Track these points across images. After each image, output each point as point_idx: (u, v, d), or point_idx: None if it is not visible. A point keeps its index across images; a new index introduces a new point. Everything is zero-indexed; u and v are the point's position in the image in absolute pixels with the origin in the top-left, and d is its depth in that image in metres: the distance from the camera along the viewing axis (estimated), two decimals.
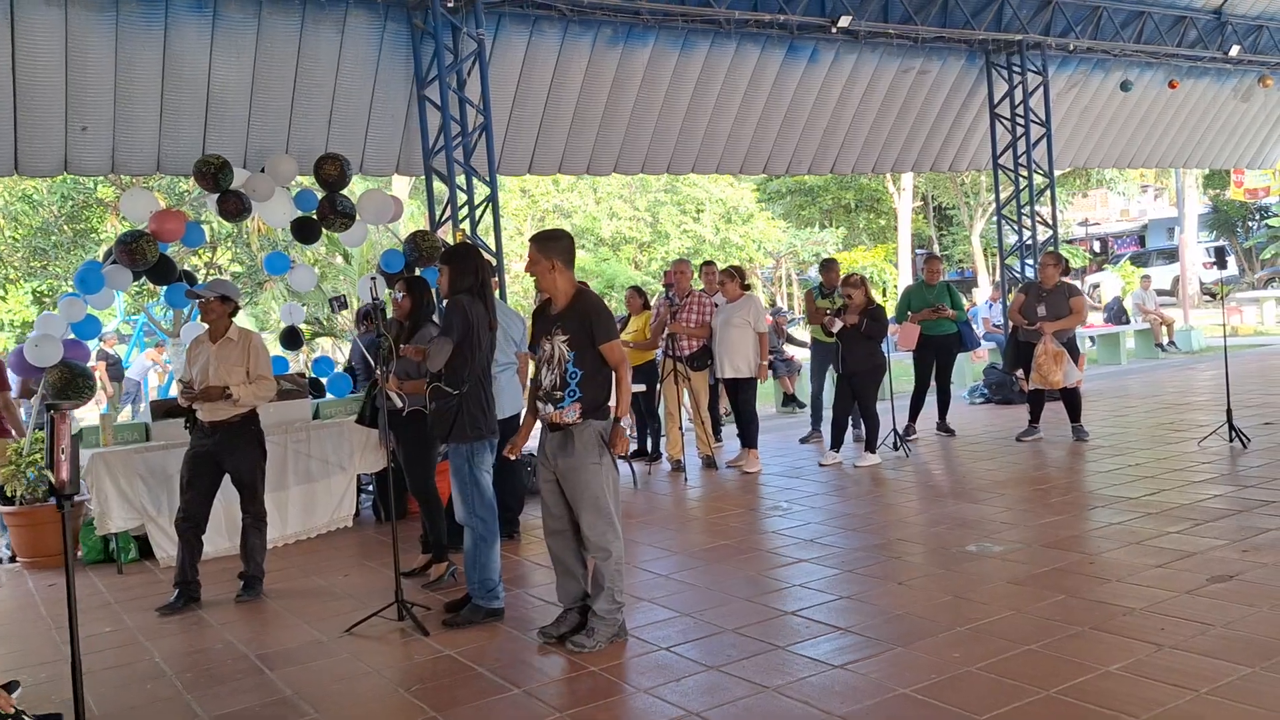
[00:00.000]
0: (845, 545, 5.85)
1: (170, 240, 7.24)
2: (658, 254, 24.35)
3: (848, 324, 8.21)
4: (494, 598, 4.89)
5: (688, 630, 4.55)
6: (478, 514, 4.85)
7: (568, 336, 4.36)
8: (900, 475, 7.96)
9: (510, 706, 3.82)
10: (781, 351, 12.97)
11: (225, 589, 5.70)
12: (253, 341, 5.67)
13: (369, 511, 7.79)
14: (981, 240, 29.77)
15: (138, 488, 6.50)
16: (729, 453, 9.18)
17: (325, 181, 7.84)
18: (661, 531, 6.62)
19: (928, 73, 12.16)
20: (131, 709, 4.11)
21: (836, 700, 3.63)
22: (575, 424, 4.36)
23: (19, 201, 13.93)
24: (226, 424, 5.54)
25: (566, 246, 4.49)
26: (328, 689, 4.16)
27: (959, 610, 4.52)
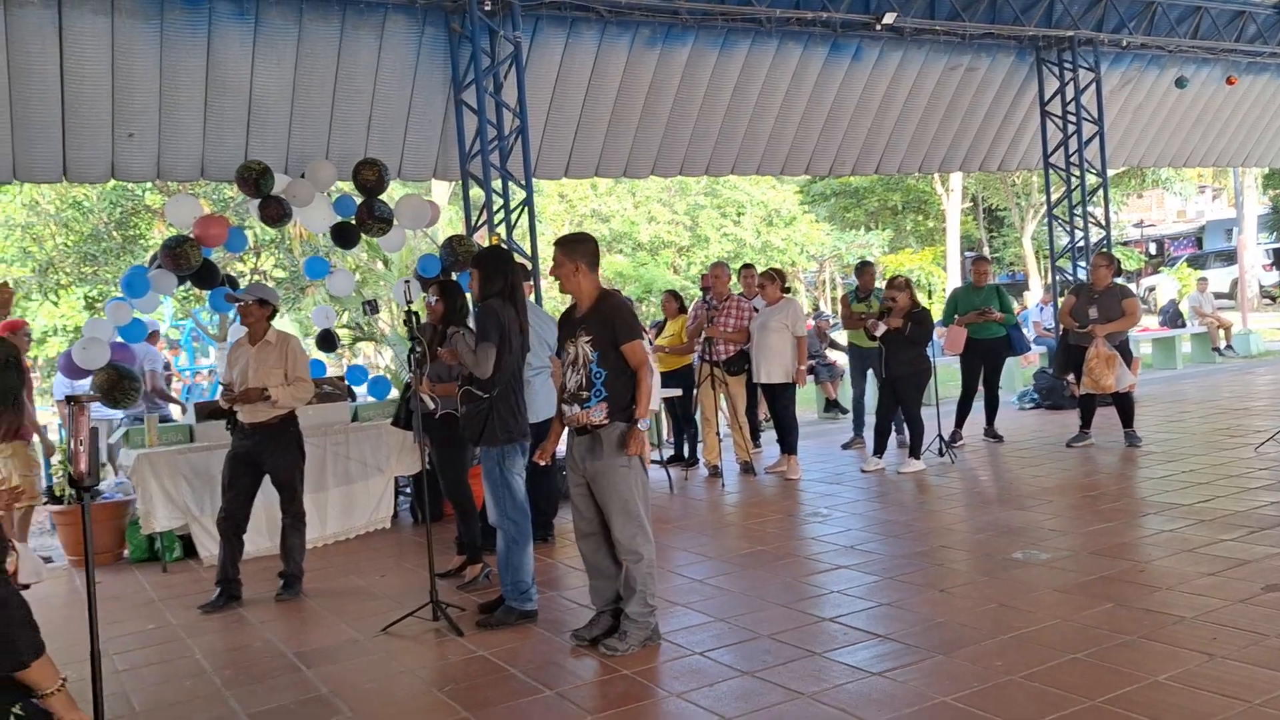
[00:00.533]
0: (886, 552, 5.74)
1: (213, 245, 7.32)
2: (697, 258, 24.24)
3: (891, 327, 8.08)
4: (527, 600, 4.86)
5: (722, 635, 4.48)
6: (510, 516, 4.82)
7: (591, 337, 4.34)
8: (945, 481, 7.81)
9: (542, 708, 3.79)
10: (824, 356, 12.83)
11: (265, 588, 5.74)
12: (291, 344, 5.72)
13: (406, 513, 7.82)
14: (1033, 242, 29.29)
15: (181, 488, 6.59)
16: (768, 459, 9.08)
17: (363, 186, 7.89)
18: (697, 537, 6.55)
19: (976, 70, 11.96)
20: (171, 705, 4.14)
21: (874, 708, 3.54)
22: (602, 425, 4.33)
23: (70, 208, 14.25)
24: (266, 425, 5.59)
25: (591, 250, 4.47)
26: (363, 688, 4.16)
27: (1003, 618, 4.40)
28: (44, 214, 14.37)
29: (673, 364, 9.26)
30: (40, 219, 14.34)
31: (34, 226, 14.37)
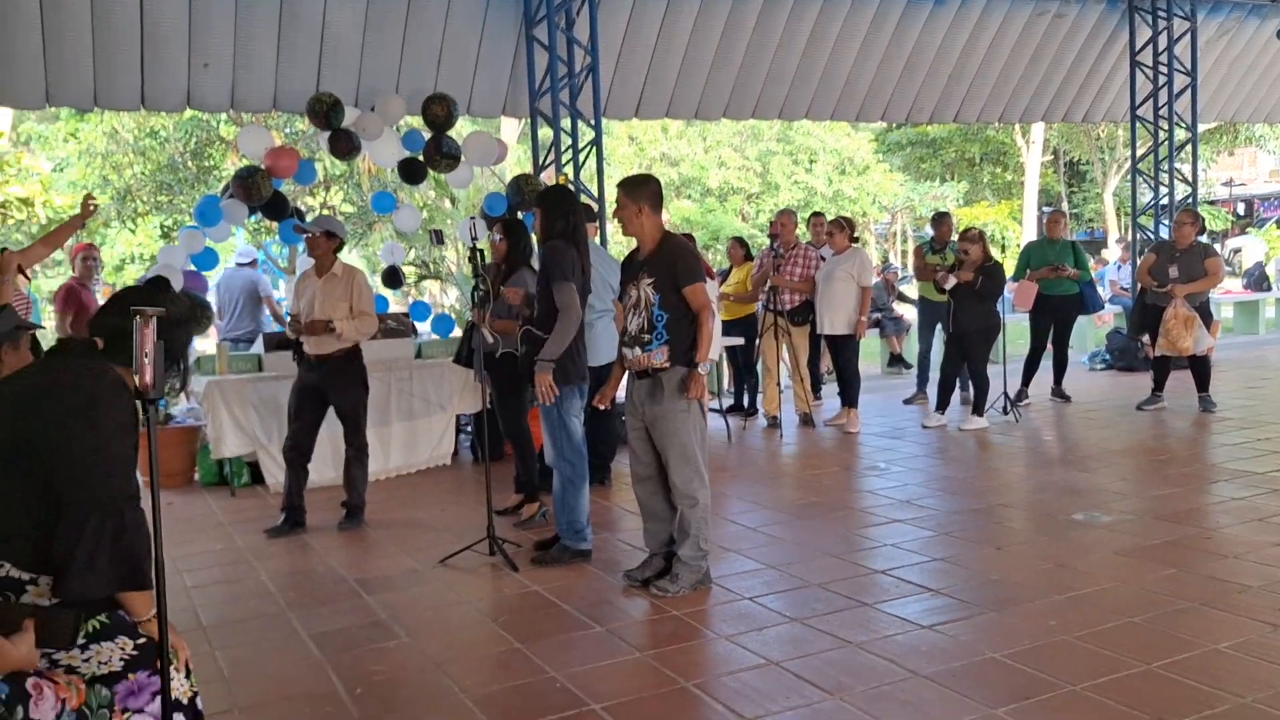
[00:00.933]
0: (943, 508, 5.69)
1: (283, 176, 7.42)
2: (766, 205, 23.88)
3: (962, 281, 7.90)
4: (581, 539, 4.92)
5: (773, 582, 4.49)
6: (566, 457, 4.86)
7: (653, 280, 4.31)
8: (1008, 440, 7.69)
9: (592, 644, 3.84)
10: (891, 310, 12.63)
11: (329, 516, 5.89)
12: (356, 278, 5.79)
13: (467, 451, 7.94)
14: (1114, 198, 28.34)
15: (250, 416, 6.76)
16: (828, 411, 9.01)
17: (432, 122, 7.90)
18: (753, 485, 6.55)
19: (1064, 16, 11.50)
20: (237, 622, 4.29)
21: (922, 660, 3.53)
22: (663, 368, 4.32)
23: (147, 137, 14.54)
24: (331, 358, 5.68)
25: (654, 191, 4.42)
26: (420, 615, 4.26)
27: (1059, 579, 4.34)
28: (123, 143, 14.70)
29: (736, 312, 9.19)
30: (119, 147, 14.68)
31: (113, 155, 14.72)
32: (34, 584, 2.01)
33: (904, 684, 3.35)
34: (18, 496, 2.06)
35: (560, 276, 4.73)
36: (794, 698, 3.28)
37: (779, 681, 3.41)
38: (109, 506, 2.04)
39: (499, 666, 3.67)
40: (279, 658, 3.86)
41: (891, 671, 3.45)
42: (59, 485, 2.03)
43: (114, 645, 2.13)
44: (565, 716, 3.21)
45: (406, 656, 3.80)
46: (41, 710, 1.82)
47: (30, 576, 2.01)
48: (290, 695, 3.49)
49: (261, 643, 4.03)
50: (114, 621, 2.13)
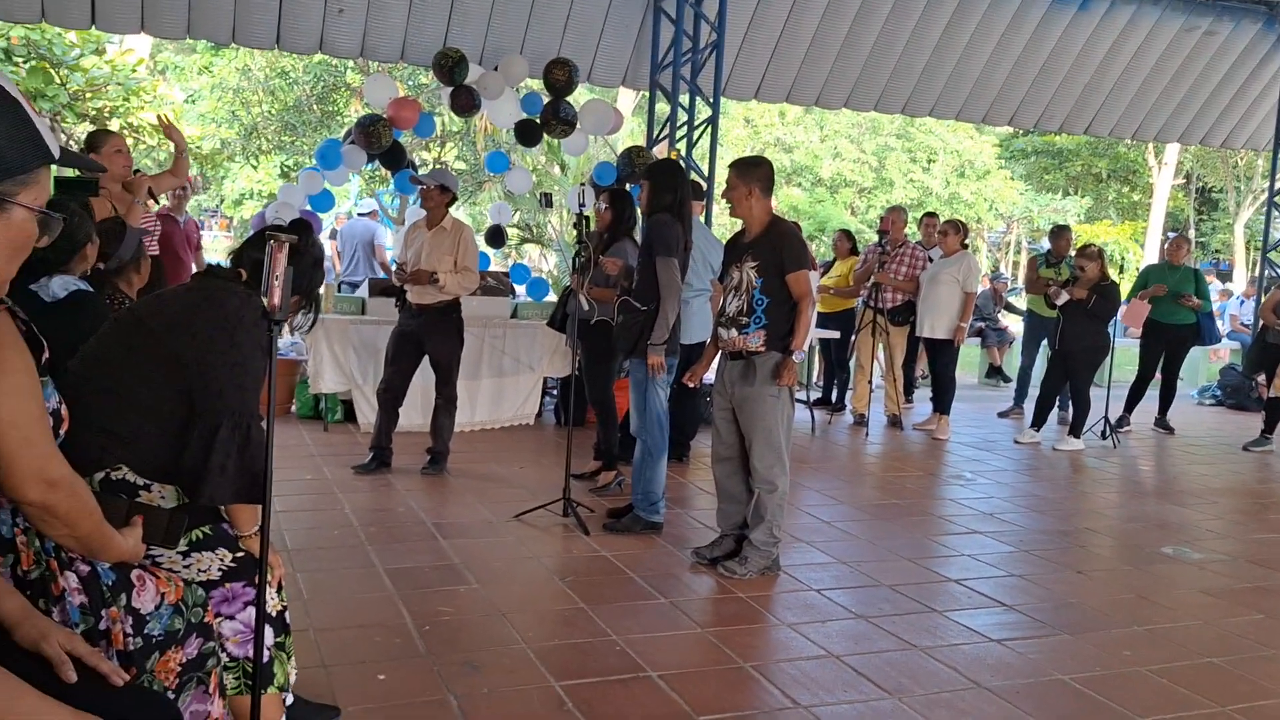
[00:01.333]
0: (1026, 525, 5.56)
1: (404, 127, 7.58)
2: (878, 201, 23.45)
3: (1074, 297, 7.66)
4: (655, 511, 4.96)
5: (842, 577, 4.46)
6: (649, 429, 4.90)
7: (757, 263, 4.30)
8: (1103, 465, 7.45)
9: (655, 614, 3.88)
10: (995, 320, 12.33)
11: (413, 460, 6.04)
12: (464, 234, 5.90)
13: (551, 413, 8.05)
14: (1246, 231, 27.05)
15: (349, 356, 6.96)
16: (918, 415, 8.86)
17: (553, 86, 7.97)
18: (832, 481, 6.49)
19: (1215, 34, 10.96)
20: (319, 549, 4.45)
21: (987, 672, 3.47)
22: (758, 352, 4.31)
23: (277, 77, 14.98)
24: (431, 308, 5.81)
25: (766, 174, 4.39)
26: (491, 564, 4.36)
27: (1139, 610, 4.21)
28: (254, 80, 15.18)
29: (834, 306, 9.09)
30: (250, 84, 15.16)
31: (244, 91, 15.21)
32: (147, 489, 2.12)
33: (965, 693, 3.30)
34: (153, 406, 2.18)
35: (664, 251, 4.74)
36: (851, 692, 3.26)
37: (838, 674, 3.40)
38: (240, 419, 2.16)
39: (562, 623, 3.74)
40: (355, 587, 3.99)
41: (954, 679, 3.40)
42: (197, 395, 2.17)
43: (214, 556, 2.25)
44: (622, 679, 3.25)
45: (474, 602, 3.89)
46: (142, 600, 1.93)
47: (145, 482, 2.12)
48: (363, 624, 3.61)
49: (340, 571, 4.18)
50: (216, 534, 2.24)
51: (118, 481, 2.08)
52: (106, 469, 2.09)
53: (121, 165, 4.98)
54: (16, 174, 1.36)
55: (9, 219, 1.36)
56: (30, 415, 1.59)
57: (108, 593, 1.87)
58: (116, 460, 2.13)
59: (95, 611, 1.86)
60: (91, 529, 1.74)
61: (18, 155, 1.36)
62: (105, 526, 1.78)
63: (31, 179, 1.39)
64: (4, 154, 1.34)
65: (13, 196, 1.36)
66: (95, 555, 1.82)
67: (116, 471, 2.09)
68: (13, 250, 1.39)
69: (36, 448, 1.59)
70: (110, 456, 2.11)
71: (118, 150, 4.94)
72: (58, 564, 1.85)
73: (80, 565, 1.86)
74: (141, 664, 1.89)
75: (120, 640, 1.88)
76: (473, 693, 3.09)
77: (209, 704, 2.00)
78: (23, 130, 1.37)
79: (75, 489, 1.69)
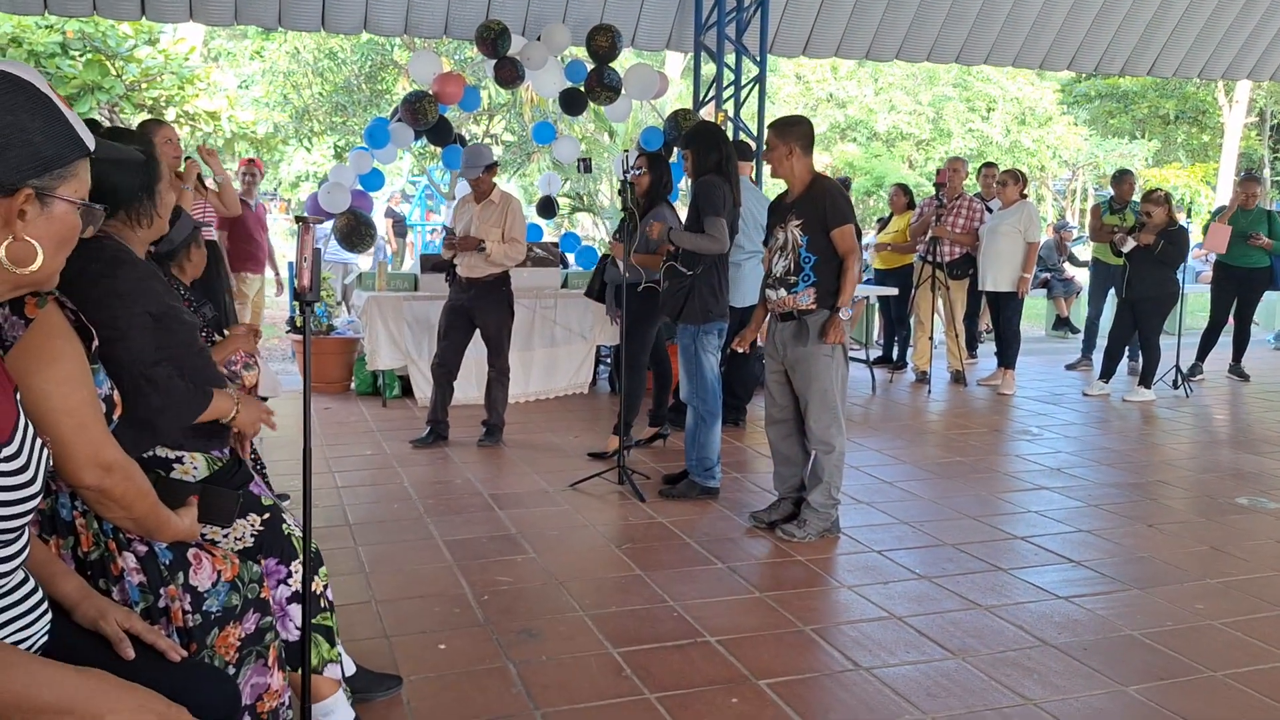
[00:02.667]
0: (1095, 479, 5.42)
1: (450, 102, 7.57)
2: (936, 153, 22.93)
3: (1141, 244, 7.41)
4: (710, 477, 4.93)
5: (904, 538, 4.40)
6: (700, 394, 4.86)
7: (802, 221, 4.23)
8: (1175, 415, 7.24)
9: (712, 579, 3.86)
10: (1061, 270, 12.02)
11: (469, 432, 6.09)
12: (512, 205, 5.89)
13: (604, 382, 8.04)
14: None
15: (404, 332, 7.03)
16: (982, 371, 8.69)
17: (596, 53, 7.89)
18: (894, 440, 6.39)
19: None
20: (380, 522, 4.52)
21: (1054, 629, 3.40)
22: (809, 310, 4.24)
23: (326, 59, 15.13)
24: (481, 281, 5.83)
25: (805, 133, 4.30)
26: (547, 533, 4.38)
27: (1213, 562, 4.08)
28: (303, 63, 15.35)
29: (892, 262, 8.94)
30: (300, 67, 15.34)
31: (294, 74, 15.39)
32: (179, 462, 2.15)
33: (1031, 651, 3.23)
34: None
35: (711, 210, 4.69)
36: (914, 653, 3.22)
37: (900, 635, 3.35)
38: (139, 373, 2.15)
39: (618, 590, 3.74)
40: (415, 559, 4.04)
41: (1020, 638, 3.33)
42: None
43: (245, 522, 2.28)
44: (680, 644, 3.24)
45: (531, 571, 3.91)
46: (199, 578, 1.96)
47: (176, 455, 2.15)
48: (423, 594, 3.65)
49: (400, 543, 4.23)
50: (246, 499, 2.27)
51: (149, 458, 2.10)
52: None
53: (172, 155, 5.09)
54: (55, 168, 1.38)
55: (51, 213, 1.38)
56: (83, 402, 1.61)
57: (165, 571, 1.91)
58: None
59: (154, 590, 1.90)
60: (147, 510, 1.77)
61: (54, 149, 1.38)
62: (160, 507, 1.81)
63: (69, 172, 1.41)
64: (41, 149, 1.37)
65: (53, 190, 1.38)
66: (151, 535, 1.85)
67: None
68: (58, 243, 1.42)
69: (90, 434, 1.62)
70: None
71: (168, 140, 5.04)
72: (116, 545, 1.89)
73: (138, 545, 1.90)
74: (201, 640, 1.93)
75: (179, 617, 1.92)
76: (532, 660, 3.11)
77: (269, 677, 2.03)
78: (57, 125, 1.39)
79: (129, 472, 1.72)
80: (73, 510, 1.89)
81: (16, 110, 1.35)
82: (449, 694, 2.89)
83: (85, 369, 1.64)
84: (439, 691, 2.90)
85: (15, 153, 1.32)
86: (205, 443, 2.23)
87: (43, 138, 1.37)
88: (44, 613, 1.35)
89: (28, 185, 1.34)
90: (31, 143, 1.35)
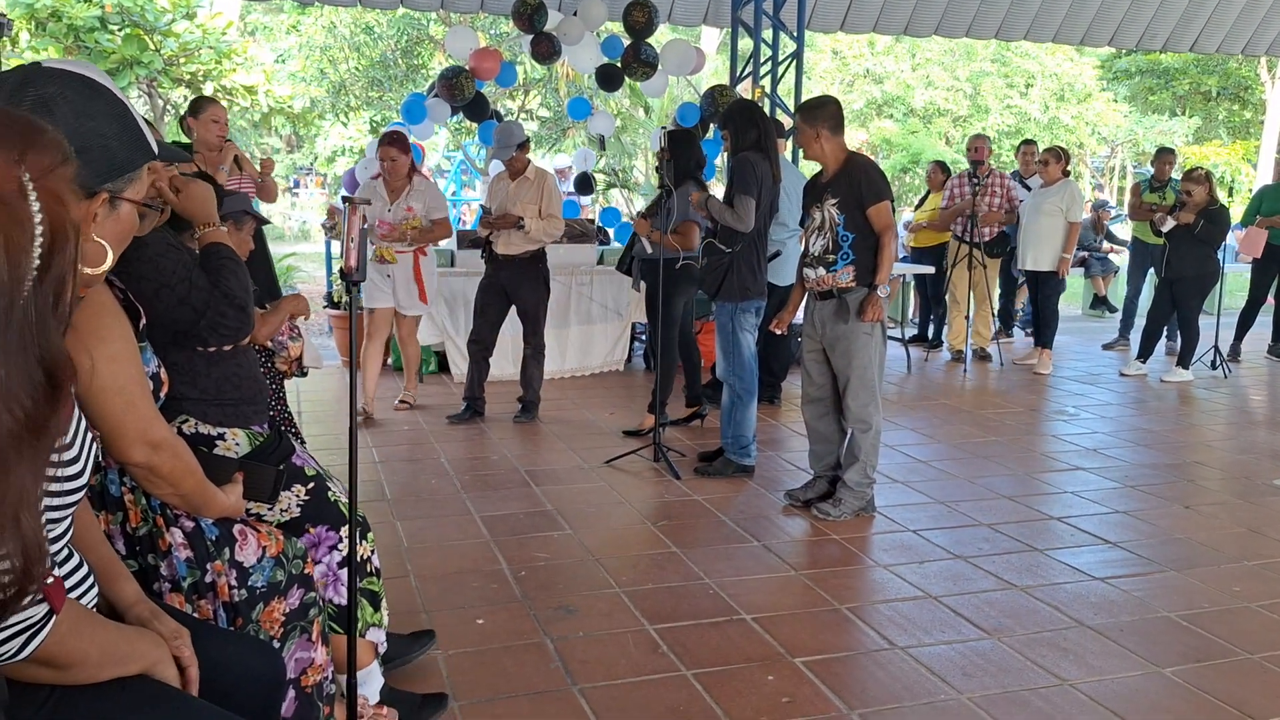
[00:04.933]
0: (1132, 460, 5.38)
1: (486, 78, 7.59)
2: (973, 129, 22.66)
3: (1181, 223, 7.31)
4: (746, 455, 4.95)
5: (939, 517, 4.40)
6: (736, 372, 4.87)
7: (838, 200, 4.23)
8: (1213, 396, 7.16)
9: (747, 556, 3.89)
10: (1099, 249, 11.86)
11: (505, 409, 6.15)
12: (547, 182, 5.91)
13: (640, 359, 8.06)
14: None
15: (440, 308, 7.08)
16: (1018, 350, 8.62)
17: (633, 28, 7.86)
18: (929, 419, 6.38)
19: None
20: (417, 497, 4.58)
21: (1089, 610, 3.39)
22: (849, 289, 4.24)
23: (362, 33, 15.16)
24: (517, 259, 5.86)
25: (831, 113, 4.28)
26: (583, 510, 4.42)
27: (1250, 545, 4.06)
28: (340, 37, 15.39)
29: (928, 240, 8.87)
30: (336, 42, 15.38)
31: (330, 49, 15.43)
32: (221, 439, 2.19)
33: (1067, 632, 3.23)
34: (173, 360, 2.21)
35: (742, 189, 4.68)
36: (949, 632, 3.23)
37: (935, 615, 3.36)
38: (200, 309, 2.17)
39: (654, 566, 3.77)
40: (452, 534, 4.10)
41: (1055, 619, 3.34)
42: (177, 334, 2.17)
43: (290, 493, 2.33)
44: (715, 621, 3.28)
45: (568, 547, 3.96)
46: (245, 554, 2.01)
47: (219, 432, 2.19)
48: (461, 570, 3.70)
49: (438, 519, 4.28)
50: (290, 471, 2.31)
51: (191, 436, 2.14)
52: (176, 424, 2.16)
53: (216, 133, 5.24)
54: (126, 171, 1.43)
55: (118, 214, 1.43)
56: (132, 379, 1.65)
57: (211, 547, 1.95)
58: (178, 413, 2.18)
59: (200, 565, 1.95)
60: (194, 486, 1.81)
61: (127, 154, 1.44)
62: (207, 484, 1.85)
63: (136, 175, 1.46)
64: (116, 154, 1.41)
65: (121, 193, 1.42)
66: (198, 511, 1.89)
67: (186, 425, 2.16)
68: (120, 241, 1.47)
69: (139, 411, 1.66)
70: (170, 411, 2.16)
71: (214, 120, 5.18)
72: (164, 520, 1.93)
73: (185, 521, 1.94)
74: (247, 615, 1.98)
75: (226, 592, 1.96)
76: (568, 636, 3.15)
77: (313, 651, 2.08)
78: (130, 130, 1.45)
79: (177, 449, 1.76)
80: (121, 486, 1.93)
81: (96, 116, 1.39)
82: (487, 669, 2.94)
83: (134, 347, 1.68)
84: (477, 666, 2.96)
85: (94, 157, 1.37)
86: (246, 419, 2.27)
87: (118, 143, 1.42)
88: (91, 585, 1.40)
89: (103, 190, 1.38)
90: (109, 148, 1.40)
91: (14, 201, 0.85)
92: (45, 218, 0.88)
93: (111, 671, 1.36)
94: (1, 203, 0.83)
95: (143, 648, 1.43)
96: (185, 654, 1.50)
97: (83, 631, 1.29)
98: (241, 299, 2.16)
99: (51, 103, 1.34)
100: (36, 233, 0.87)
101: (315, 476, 2.39)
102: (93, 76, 1.41)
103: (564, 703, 2.75)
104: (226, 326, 2.13)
